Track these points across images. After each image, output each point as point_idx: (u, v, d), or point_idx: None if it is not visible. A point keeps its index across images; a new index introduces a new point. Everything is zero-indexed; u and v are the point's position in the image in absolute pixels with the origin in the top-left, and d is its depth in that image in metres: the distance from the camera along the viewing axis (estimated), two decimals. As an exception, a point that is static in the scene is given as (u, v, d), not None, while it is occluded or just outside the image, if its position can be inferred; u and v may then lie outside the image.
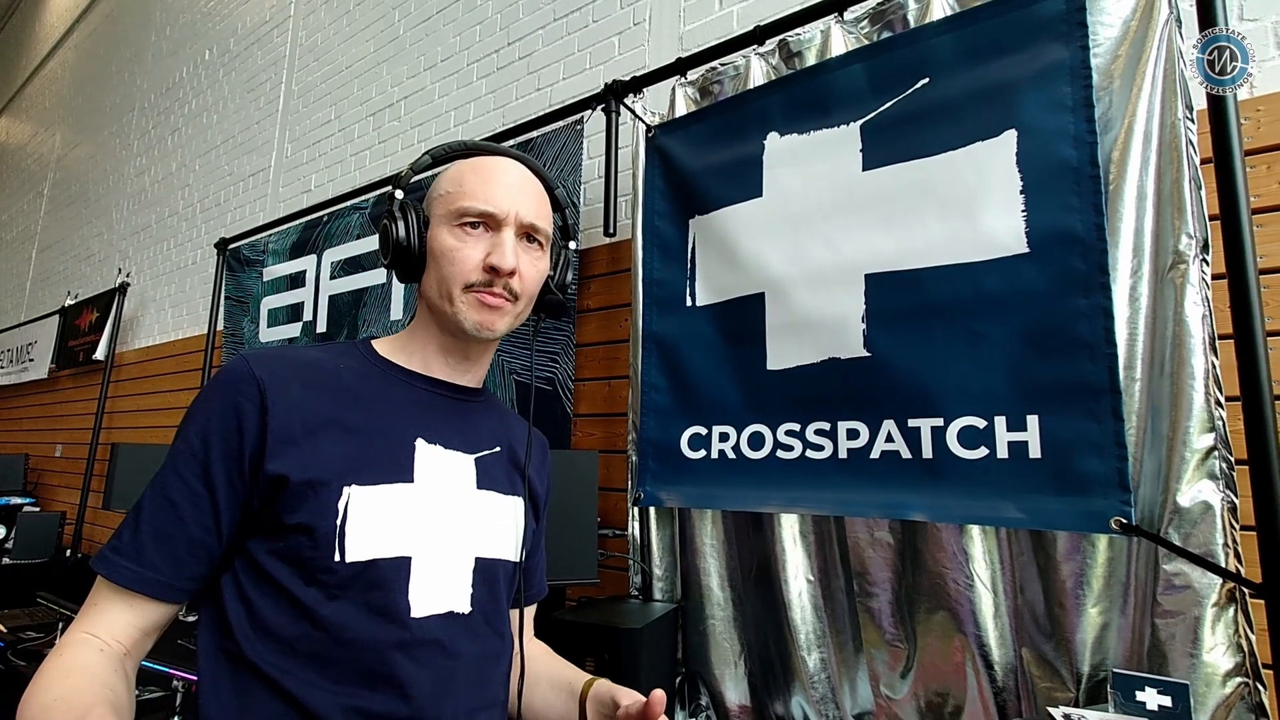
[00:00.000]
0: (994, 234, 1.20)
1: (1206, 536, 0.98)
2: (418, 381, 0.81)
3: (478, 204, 0.77)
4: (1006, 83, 1.22)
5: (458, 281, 0.76)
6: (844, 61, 1.42)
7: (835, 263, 1.37)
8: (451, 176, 0.80)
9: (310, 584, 0.67)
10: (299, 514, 0.67)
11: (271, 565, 0.67)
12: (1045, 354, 1.14)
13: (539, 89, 2.34)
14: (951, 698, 1.22)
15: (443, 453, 0.78)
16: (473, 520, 0.79)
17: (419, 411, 0.78)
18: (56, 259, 5.61)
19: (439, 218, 0.79)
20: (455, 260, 0.76)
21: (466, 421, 0.83)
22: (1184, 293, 1.04)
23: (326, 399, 0.72)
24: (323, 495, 0.67)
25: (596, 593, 1.67)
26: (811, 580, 1.40)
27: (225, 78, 4.08)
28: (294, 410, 0.69)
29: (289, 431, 0.68)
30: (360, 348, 0.82)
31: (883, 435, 1.29)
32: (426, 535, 0.73)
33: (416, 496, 0.74)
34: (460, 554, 0.76)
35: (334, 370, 0.76)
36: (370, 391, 0.76)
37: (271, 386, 0.69)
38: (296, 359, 0.75)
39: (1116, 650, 1.07)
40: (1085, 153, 1.13)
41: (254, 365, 0.71)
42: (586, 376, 1.95)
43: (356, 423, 0.73)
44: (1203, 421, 1.01)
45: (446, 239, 0.77)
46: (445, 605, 0.73)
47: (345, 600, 0.67)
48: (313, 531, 0.67)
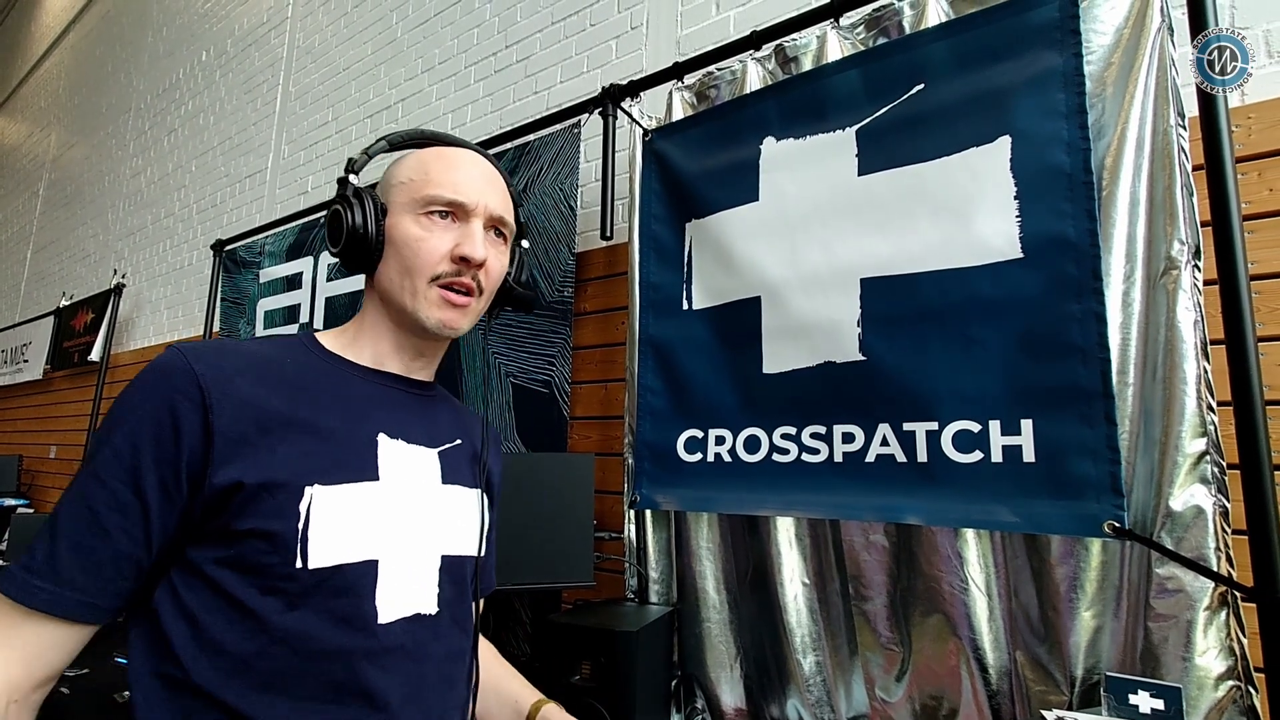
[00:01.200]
0: (988, 239, 1.21)
1: (1199, 540, 0.99)
2: (372, 376, 0.76)
3: (447, 193, 0.73)
4: (1001, 89, 1.23)
5: (424, 273, 0.73)
6: (840, 67, 1.43)
7: (831, 267, 1.38)
8: (413, 165, 0.77)
9: (268, 593, 0.61)
10: (254, 518, 0.61)
11: (220, 575, 0.61)
12: (1039, 358, 1.14)
13: (536, 92, 2.34)
14: (946, 701, 1.23)
15: (406, 448, 0.74)
16: (439, 517, 0.76)
17: (378, 406, 0.74)
18: (51, 259, 5.60)
19: (400, 205, 0.74)
20: (422, 250, 0.73)
21: (425, 415, 0.80)
22: (1176, 298, 1.05)
23: (279, 395, 0.67)
24: (281, 497, 0.62)
25: (592, 595, 1.67)
26: (807, 583, 1.40)
27: (222, 79, 4.08)
28: (244, 408, 0.64)
29: (240, 431, 0.63)
30: (305, 342, 0.76)
31: (878, 439, 1.29)
32: (394, 536, 0.70)
33: (382, 495, 0.70)
34: (428, 553, 0.73)
35: (281, 364, 0.70)
36: (325, 387, 0.71)
37: (214, 383, 0.63)
38: (240, 352, 0.69)
39: (1110, 653, 1.08)
40: (1079, 159, 1.14)
41: (192, 360, 0.64)
42: (583, 379, 1.95)
43: (315, 419, 0.68)
44: (1195, 426, 1.02)
45: (411, 228, 0.73)
46: (413, 608, 0.70)
47: (307, 609, 0.62)
48: (272, 536, 0.61)
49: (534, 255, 2.02)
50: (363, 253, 0.74)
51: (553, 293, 1.96)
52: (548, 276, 1.98)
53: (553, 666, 1.34)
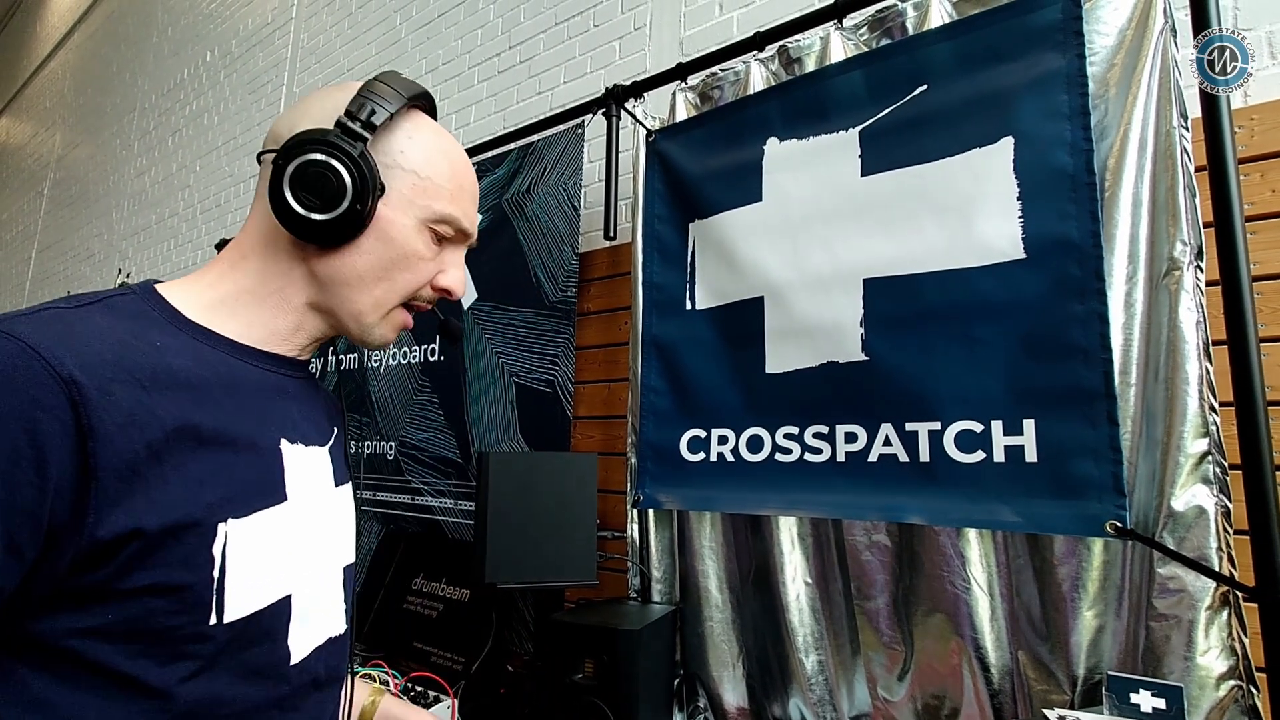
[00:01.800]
0: (991, 240, 1.21)
1: (1200, 540, 0.99)
2: (259, 360, 0.60)
3: (466, 222, 0.64)
4: (1004, 90, 1.23)
5: (404, 294, 0.63)
6: (843, 68, 1.43)
7: (834, 267, 1.38)
8: (429, 154, 0.62)
9: (170, 661, 0.48)
10: (153, 572, 0.47)
11: (93, 649, 0.46)
12: (1041, 359, 1.15)
13: (540, 92, 2.35)
14: (948, 700, 1.23)
15: (305, 452, 0.62)
16: (336, 526, 0.67)
17: (273, 401, 0.60)
18: (56, 259, 5.62)
19: (404, 199, 0.60)
20: (417, 270, 0.62)
21: (312, 405, 0.68)
22: (1178, 299, 1.05)
23: (164, 400, 0.49)
24: (190, 541, 0.48)
25: (595, 594, 1.68)
26: (809, 583, 1.40)
27: (226, 79, 4.10)
28: (131, 426, 0.46)
29: (130, 461, 0.46)
30: (152, 307, 0.55)
31: (880, 439, 1.30)
32: (304, 562, 0.60)
33: (291, 517, 0.58)
34: (332, 570, 0.65)
35: (150, 350, 0.51)
36: (208, 378, 0.54)
37: (93, 393, 0.44)
38: (96, 335, 0.48)
39: (1111, 653, 1.08)
40: (1081, 160, 1.14)
41: (52, 358, 0.44)
42: (586, 379, 1.96)
43: (209, 427, 0.52)
44: (1197, 426, 1.02)
45: (414, 240, 0.61)
46: (324, 633, 0.62)
47: (216, 670, 0.51)
48: (178, 591, 0.48)
49: (537, 255, 2.03)
50: (339, 231, 0.58)
51: (556, 293, 1.96)
52: (551, 276, 1.98)
53: (556, 665, 1.34)
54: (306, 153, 0.56)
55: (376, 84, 0.60)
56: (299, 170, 0.56)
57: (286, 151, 0.57)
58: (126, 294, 0.55)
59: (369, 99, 0.58)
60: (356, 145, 0.57)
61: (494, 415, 2.03)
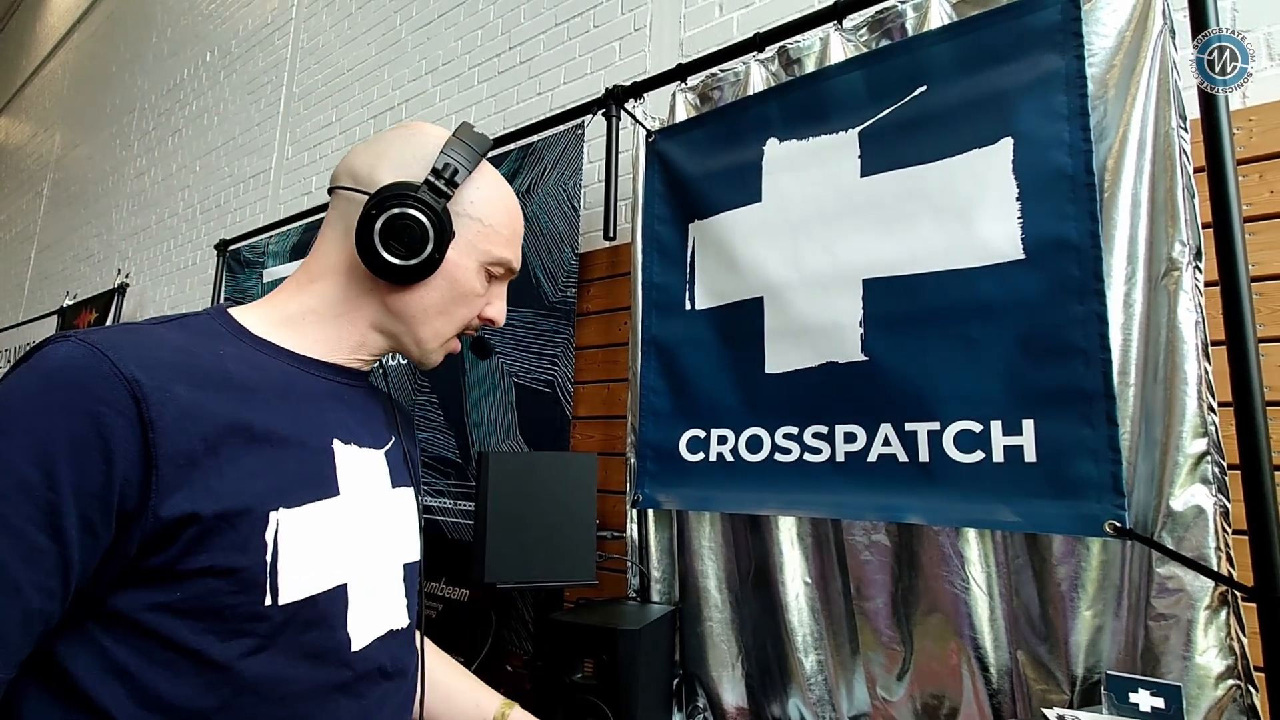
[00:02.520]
0: (991, 240, 1.22)
1: (1199, 540, 0.99)
2: (317, 369, 0.66)
3: (515, 263, 0.72)
4: (1003, 91, 1.24)
5: (460, 326, 0.71)
6: (843, 69, 1.43)
7: (833, 268, 1.39)
8: (495, 207, 0.69)
9: (230, 637, 0.53)
10: (211, 554, 0.52)
11: (163, 622, 0.51)
12: (1041, 359, 1.15)
13: (540, 93, 2.35)
14: (947, 700, 1.23)
15: (358, 453, 0.68)
16: (394, 524, 0.71)
17: (328, 406, 0.66)
18: (55, 259, 5.61)
19: (469, 245, 0.68)
20: (473, 306, 0.70)
21: (367, 411, 0.73)
22: (1177, 299, 1.05)
23: (221, 399, 0.55)
24: (243, 527, 0.53)
25: (595, 594, 1.68)
26: (809, 583, 1.40)
27: (226, 79, 4.09)
28: (188, 421, 0.52)
29: (188, 452, 0.51)
30: (222, 325, 0.63)
31: (880, 439, 1.30)
32: (359, 554, 0.64)
33: (344, 511, 0.63)
34: (391, 565, 0.69)
35: (214, 358, 0.58)
36: (266, 384, 0.60)
37: (151, 391, 0.50)
38: (164, 345, 0.55)
39: (1110, 652, 1.08)
40: (1081, 161, 1.14)
41: (117, 360, 0.50)
42: (586, 379, 1.96)
43: (263, 427, 0.57)
44: (1195, 427, 1.02)
45: (474, 280, 0.69)
46: (385, 625, 0.66)
47: (275, 650, 0.55)
48: (235, 573, 0.53)
49: (537, 255, 2.03)
50: (415, 274, 0.65)
51: (556, 293, 1.96)
52: (551, 277, 1.99)
53: (555, 665, 1.34)
54: (399, 205, 0.63)
55: (457, 143, 0.67)
56: (390, 220, 0.63)
57: (381, 202, 0.63)
58: (200, 314, 0.63)
59: (453, 159, 0.65)
60: (440, 202, 0.64)
61: (493, 415, 2.04)
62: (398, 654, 0.67)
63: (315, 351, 0.66)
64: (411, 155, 0.66)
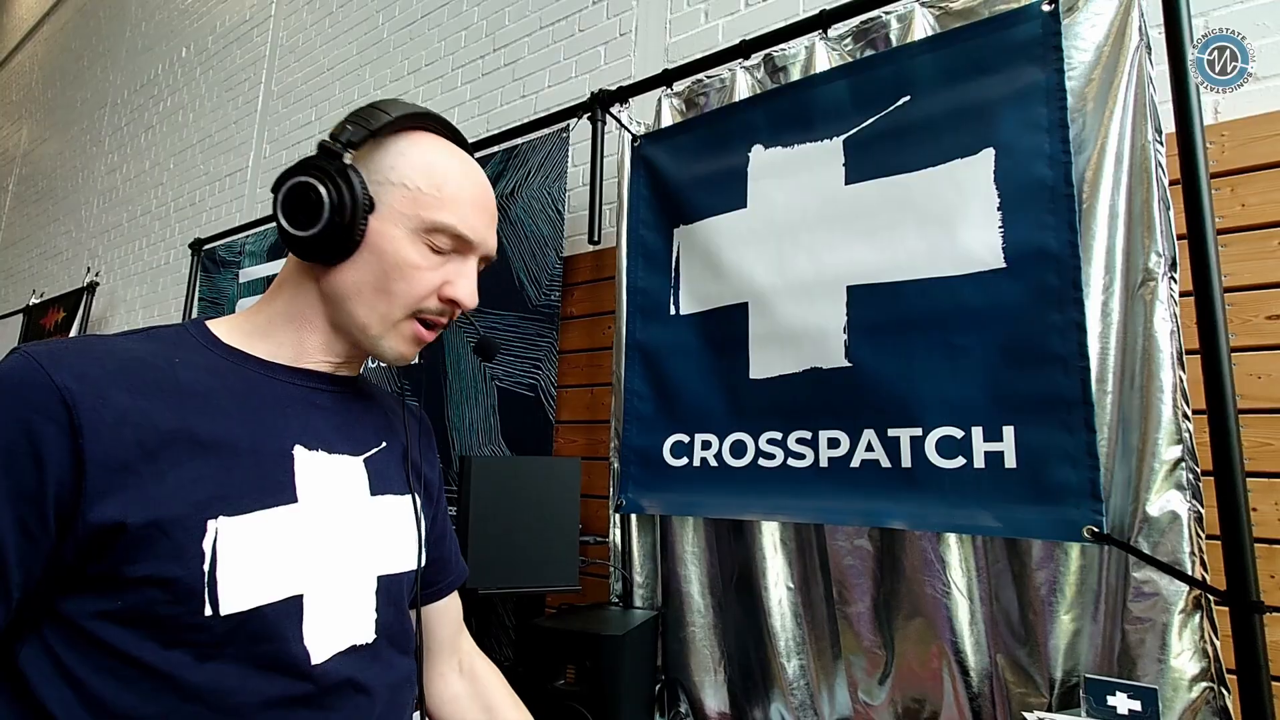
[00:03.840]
0: (972, 249, 1.23)
1: (1174, 545, 1.02)
2: (285, 375, 0.64)
3: (461, 227, 0.64)
4: (985, 102, 1.26)
5: (407, 306, 0.64)
6: (828, 78, 1.45)
7: (817, 274, 1.40)
8: (424, 170, 0.64)
9: (172, 646, 0.52)
10: (147, 564, 0.51)
11: (108, 631, 0.51)
12: (1021, 367, 1.17)
13: (524, 96, 2.34)
14: (928, 704, 1.24)
15: (327, 459, 0.64)
16: (371, 534, 0.67)
17: (292, 411, 0.63)
18: (21, 256, 5.47)
19: (396, 213, 0.62)
20: (414, 281, 0.63)
21: (348, 417, 0.69)
22: (1153, 309, 1.08)
23: (166, 405, 0.55)
24: (178, 537, 0.52)
25: (577, 599, 1.67)
26: (791, 587, 1.41)
27: (203, 76, 4.03)
28: (122, 428, 0.51)
29: (119, 458, 0.51)
30: (194, 334, 0.63)
31: (863, 444, 1.31)
32: (319, 564, 0.61)
33: (303, 519, 0.60)
34: (360, 577, 0.65)
35: (167, 366, 0.57)
36: (223, 391, 0.59)
37: (83, 398, 0.51)
38: (111, 354, 0.55)
39: (1088, 656, 1.10)
40: (1060, 172, 1.16)
41: (50, 368, 0.51)
42: (569, 383, 1.95)
43: (214, 434, 0.56)
44: (1171, 433, 1.04)
45: (407, 250, 0.63)
46: (347, 640, 0.62)
47: (223, 660, 0.54)
48: (171, 583, 0.52)
49: (521, 259, 2.02)
50: (331, 246, 0.61)
51: (539, 296, 1.96)
52: (535, 280, 1.98)
53: (537, 671, 1.33)
54: (291, 176, 0.62)
55: (366, 108, 0.64)
56: (287, 194, 0.62)
57: (279, 180, 0.63)
58: (175, 325, 0.64)
59: (351, 122, 0.63)
60: (334, 162, 0.61)
61: (475, 419, 2.02)
62: (365, 669, 0.63)
63: (282, 357, 0.65)
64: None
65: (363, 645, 0.64)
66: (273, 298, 0.67)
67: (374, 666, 0.65)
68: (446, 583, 0.84)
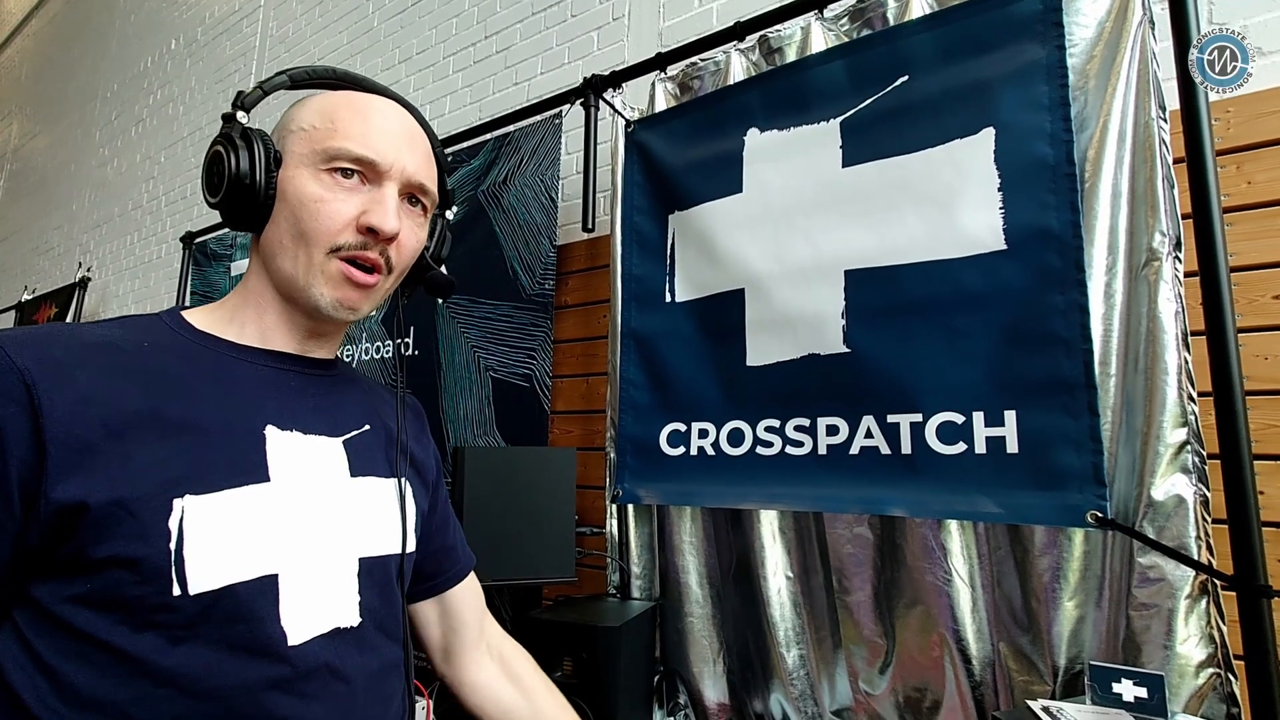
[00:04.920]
0: (972, 231, 1.21)
1: (1180, 530, 1.00)
2: (255, 357, 0.65)
3: (355, 147, 0.62)
4: (984, 81, 1.23)
5: (322, 242, 0.62)
6: (824, 58, 1.42)
7: (815, 259, 1.37)
8: (317, 109, 0.65)
9: (143, 629, 0.52)
10: (112, 543, 0.51)
11: (78, 616, 0.51)
12: (1022, 350, 1.14)
13: (516, 83, 2.31)
14: (930, 692, 1.23)
15: (302, 440, 0.64)
16: (350, 515, 0.66)
17: (264, 392, 0.63)
18: (12, 252, 5.42)
19: (298, 157, 0.63)
20: (321, 214, 0.61)
21: (326, 399, 0.69)
22: (1158, 289, 1.06)
23: (132, 386, 0.55)
24: (143, 515, 0.52)
25: (574, 591, 1.65)
26: (790, 577, 1.39)
27: (193, 68, 3.98)
28: (85, 407, 0.52)
29: (82, 437, 0.51)
30: (166, 320, 0.64)
31: (862, 431, 1.29)
32: (294, 543, 0.60)
33: (275, 498, 0.59)
34: (339, 558, 0.64)
35: (135, 350, 0.58)
36: (193, 373, 0.60)
37: (43, 379, 0.51)
38: (76, 337, 0.56)
39: (1092, 643, 1.09)
40: (1061, 151, 1.14)
41: (12, 352, 0.51)
42: (564, 373, 1.93)
43: (182, 415, 0.56)
44: (1176, 416, 1.02)
45: (309, 185, 0.62)
46: (329, 622, 0.61)
47: (196, 641, 0.53)
48: (137, 563, 0.51)
49: (514, 247, 1.99)
50: (246, 207, 0.63)
51: (533, 285, 1.93)
52: (528, 269, 1.95)
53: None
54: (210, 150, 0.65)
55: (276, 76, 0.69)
56: (204, 169, 0.66)
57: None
58: (150, 314, 0.65)
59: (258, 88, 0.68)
60: (233, 126, 0.64)
61: (470, 410, 2.00)
62: (346, 654, 0.62)
63: (249, 339, 0.66)
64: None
65: (348, 629, 0.63)
66: (242, 282, 0.68)
67: (358, 653, 0.63)
68: (456, 570, 0.85)
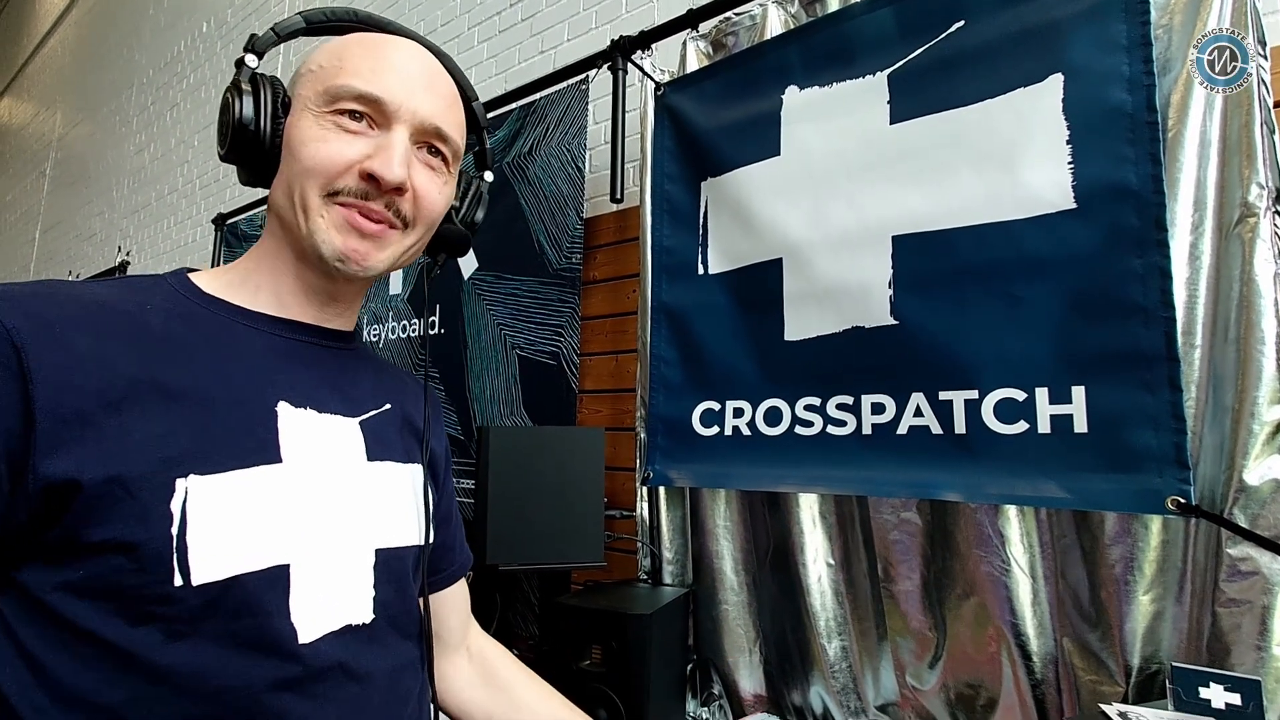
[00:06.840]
0: (1036, 189, 1.10)
1: (1277, 518, 0.89)
2: (268, 325, 0.59)
3: (360, 84, 0.57)
4: (1052, 22, 1.11)
5: (314, 184, 0.56)
6: (869, 6, 1.31)
7: (859, 224, 1.28)
8: (329, 50, 0.60)
9: (139, 623, 0.47)
10: (109, 526, 0.46)
11: (70, 606, 0.46)
12: (1093, 319, 1.04)
13: (543, 51, 2.23)
14: (985, 690, 1.14)
15: (317, 418, 0.59)
16: (368, 502, 0.61)
17: (276, 365, 0.58)
18: (59, 239, 5.56)
19: (304, 100, 0.58)
20: (316, 156, 0.56)
21: (343, 375, 0.64)
22: (1253, 249, 0.94)
23: (132, 352, 0.50)
24: (143, 496, 0.47)
25: (603, 576, 1.60)
26: (832, 564, 1.31)
27: (223, 50, 3.99)
28: (79, 372, 0.46)
29: (75, 407, 0.46)
30: (172, 281, 0.58)
31: (911, 409, 1.20)
32: (307, 531, 0.55)
33: (287, 481, 0.54)
34: (356, 549, 0.59)
35: (137, 311, 0.52)
36: (199, 340, 0.54)
37: (33, 340, 0.46)
38: (73, 297, 0.50)
39: (1171, 642, 0.99)
40: (1141, 97, 1.02)
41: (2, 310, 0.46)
42: (593, 351, 1.87)
43: (185, 384, 0.51)
44: (1274, 391, 0.91)
45: (312, 128, 0.57)
46: (341, 618, 0.56)
47: (198, 637, 0.48)
48: (135, 548, 0.46)
49: (540, 221, 1.92)
50: (255, 158, 0.59)
51: (560, 260, 1.86)
52: (555, 243, 1.88)
53: (562, 651, 1.27)
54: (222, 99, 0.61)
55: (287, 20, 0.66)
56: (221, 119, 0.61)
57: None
58: (155, 275, 0.59)
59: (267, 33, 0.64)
60: (242, 71, 0.61)
61: (496, 389, 1.95)
62: (359, 653, 0.57)
63: (262, 305, 0.60)
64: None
65: (359, 625, 0.58)
66: (257, 244, 0.63)
67: (371, 651, 0.58)
68: (451, 570, 0.79)
